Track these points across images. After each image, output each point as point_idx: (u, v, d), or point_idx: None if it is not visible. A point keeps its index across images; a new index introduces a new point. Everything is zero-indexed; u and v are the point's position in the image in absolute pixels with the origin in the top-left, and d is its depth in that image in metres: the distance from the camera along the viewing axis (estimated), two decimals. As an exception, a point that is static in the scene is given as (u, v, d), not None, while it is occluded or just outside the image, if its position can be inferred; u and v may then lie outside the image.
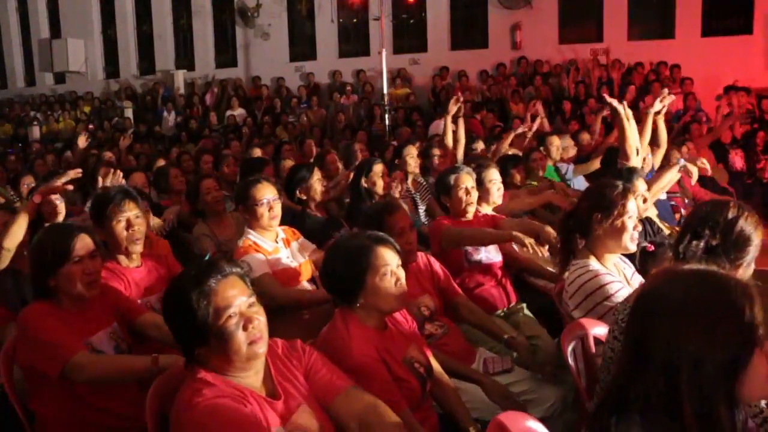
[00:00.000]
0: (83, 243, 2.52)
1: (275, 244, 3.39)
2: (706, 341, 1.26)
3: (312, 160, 6.36)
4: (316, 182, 4.50)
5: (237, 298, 1.85)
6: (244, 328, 1.83)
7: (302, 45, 15.40)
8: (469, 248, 3.58)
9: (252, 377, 1.90)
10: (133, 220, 2.95)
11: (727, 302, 1.28)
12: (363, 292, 2.30)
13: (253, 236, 3.35)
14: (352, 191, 4.94)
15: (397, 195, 4.67)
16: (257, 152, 6.88)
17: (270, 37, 15.19)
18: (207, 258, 1.97)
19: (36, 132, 15.50)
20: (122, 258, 2.99)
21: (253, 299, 1.89)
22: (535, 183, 5.27)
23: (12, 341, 2.50)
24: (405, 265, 2.98)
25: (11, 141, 15.26)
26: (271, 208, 3.34)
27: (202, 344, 1.83)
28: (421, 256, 3.17)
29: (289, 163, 5.72)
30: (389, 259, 2.33)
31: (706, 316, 1.28)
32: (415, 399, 2.32)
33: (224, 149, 8.59)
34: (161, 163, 6.82)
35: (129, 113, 15.31)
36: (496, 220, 3.84)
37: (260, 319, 1.87)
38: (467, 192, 3.74)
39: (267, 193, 3.35)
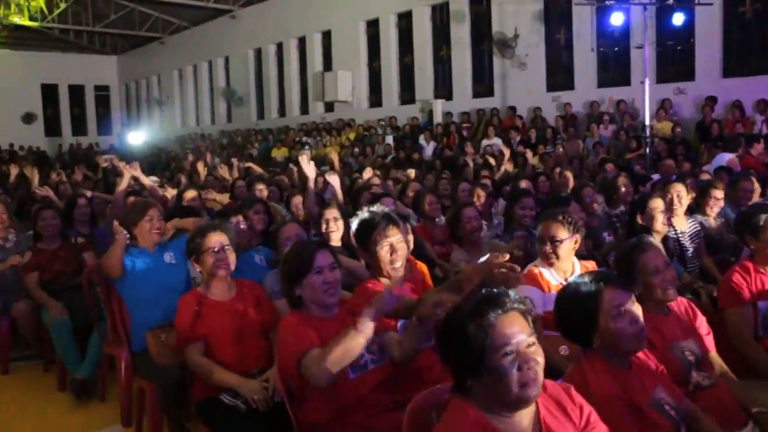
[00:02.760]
0: (324, 256, 2.73)
1: (563, 282, 3.30)
2: None
3: (569, 193, 6.31)
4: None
5: (516, 336, 1.80)
6: (519, 368, 1.78)
7: (559, 74, 15.24)
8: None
9: (518, 417, 1.86)
10: (396, 245, 3.00)
11: None
12: (597, 334, 2.28)
13: (542, 267, 3.38)
14: (627, 229, 4.81)
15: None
16: (524, 183, 6.94)
17: (527, 67, 15.26)
18: (490, 290, 1.94)
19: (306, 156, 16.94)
20: (383, 279, 3.05)
21: (533, 339, 1.83)
22: None
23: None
24: (662, 303, 2.85)
25: (286, 163, 16.88)
26: (558, 245, 3.34)
27: (474, 377, 1.82)
28: (681, 300, 2.99)
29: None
30: (621, 299, 2.28)
31: None
32: None
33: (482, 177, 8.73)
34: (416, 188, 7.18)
35: (390, 140, 16.21)
36: None
37: (538, 361, 1.82)
38: None
39: (560, 234, 3.35)
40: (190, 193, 6.29)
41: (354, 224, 3.13)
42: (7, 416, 4.57)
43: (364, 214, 3.11)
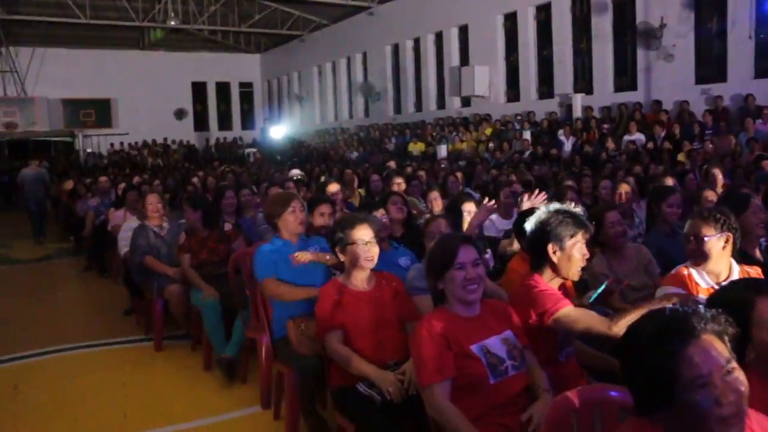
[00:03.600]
0: (467, 252, 2.68)
1: (714, 286, 3.09)
2: None
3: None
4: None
5: (711, 364, 1.52)
6: (717, 402, 1.50)
7: (710, 65, 14.33)
8: None
9: None
10: (584, 249, 2.92)
11: None
12: (751, 347, 2.06)
13: (692, 268, 3.19)
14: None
15: None
16: (670, 180, 6.61)
17: (674, 59, 14.48)
18: (675, 310, 1.68)
19: (443, 151, 16.97)
20: (555, 280, 2.97)
21: (732, 364, 1.54)
22: None
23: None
24: None
25: (422, 158, 16.98)
26: (703, 243, 3.14)
27: (662, 409, 1.56)
28: None
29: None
30: None
31: None
32: None
33: (625, 175, 8.39)
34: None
35: (527, 135, 15.93)
36: None
37: (741, 391, 1.53)
38: None
39: (705, 230, 3.13)
40: (333, 187, 6.46)
41: (531, 223, 3.01)
42: (161, 391, 4.91)
43: (548, 210, 2.99)
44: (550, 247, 2.90)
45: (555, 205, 3.02)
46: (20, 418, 4.53)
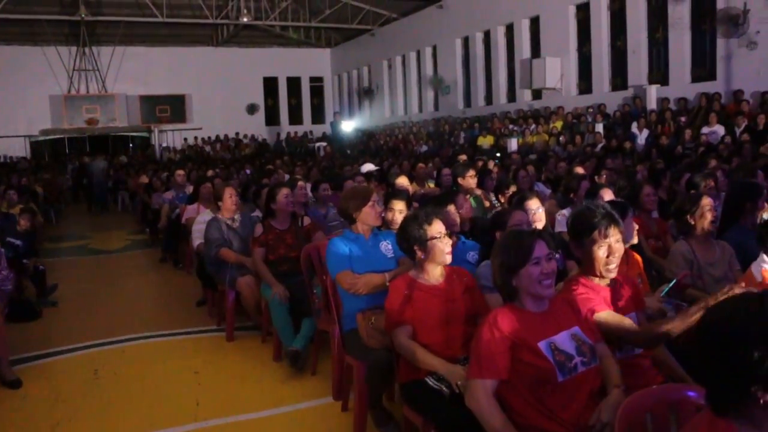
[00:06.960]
0: (541, 246, 2.63)
1: None
2: None
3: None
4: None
5: None
6: None
7: (799, 53, 13.69)
8: None
9: None
10: (613, 246, 2.86)
11: None
12: None
13: None
14: None
15: None
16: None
17: (758, 46, 13.87)
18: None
19: (514, 144, 16.77)
20: (594, 278, 2.93)
21: None
22: None
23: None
24: None
25: (492, 151, 16.83)
26: None
27: (743, 400, 1.43)
28: None
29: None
30: None
31: None
32: None
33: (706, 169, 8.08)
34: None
35: (599, 128, 15.57)
36: None
37: None
38: None
39: None
40: (402, 180, 6.50)
41: (570, 216, 3.01)
42: (231, 382, 5.01)
43: (581, 206, 2.98)
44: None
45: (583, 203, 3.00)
46: (100, 401, 4.71)
